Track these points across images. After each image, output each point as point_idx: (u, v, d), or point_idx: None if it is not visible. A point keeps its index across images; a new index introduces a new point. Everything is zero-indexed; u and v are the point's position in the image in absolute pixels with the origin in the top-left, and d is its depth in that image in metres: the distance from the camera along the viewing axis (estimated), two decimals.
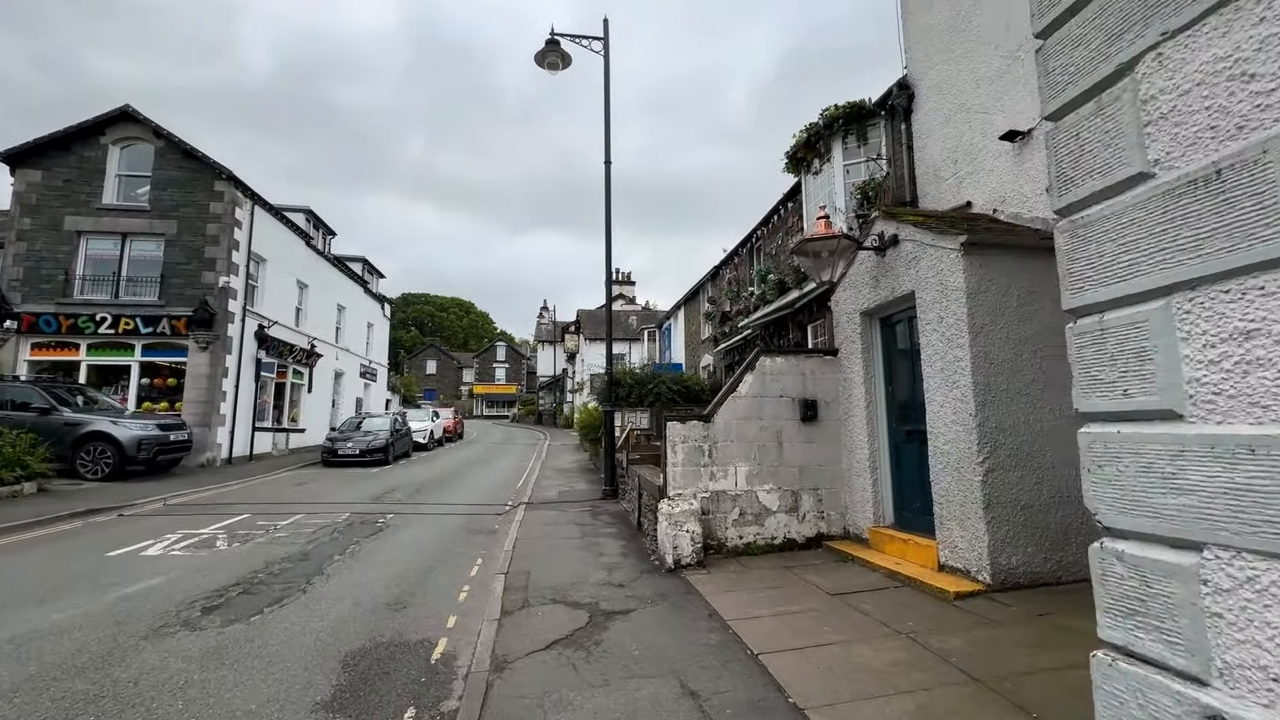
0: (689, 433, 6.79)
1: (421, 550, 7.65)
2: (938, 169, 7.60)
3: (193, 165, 17.09)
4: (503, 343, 75.37)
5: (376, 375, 30.14)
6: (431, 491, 12.97)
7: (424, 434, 24.21)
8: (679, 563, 6.15)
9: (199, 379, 16.16)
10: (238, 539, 8.16)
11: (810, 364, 7.25)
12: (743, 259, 15.65)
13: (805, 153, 9.63)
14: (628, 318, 41.12)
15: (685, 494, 6.66)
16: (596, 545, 7.52)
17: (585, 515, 9.79)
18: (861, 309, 6.76)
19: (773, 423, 7.04)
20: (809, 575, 5.81)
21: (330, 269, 24.14)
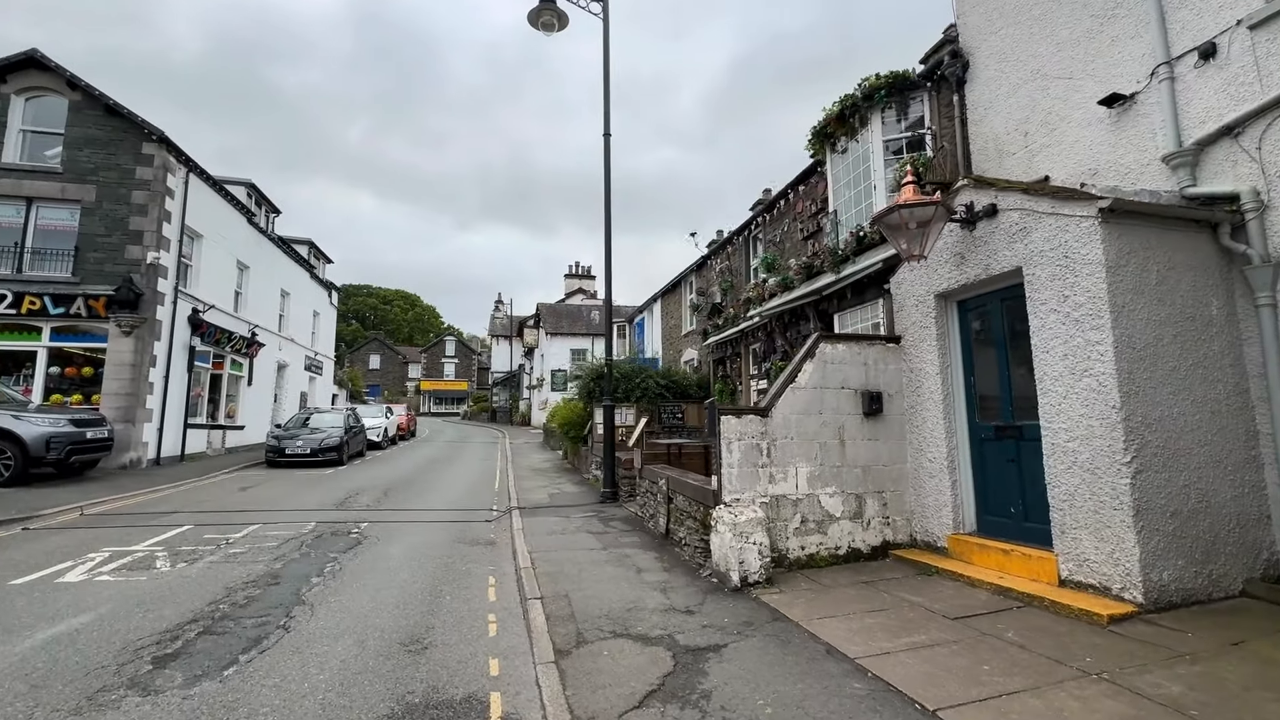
0: (745, 428, 5.89)
1: (417, 568, 6.45)
2: (1001, 142, 7.00)
3: (116, 124, 14.90)
4: (452, 337, 72.50)
5: (323, 368, 27.87)
6: (402, 495, 11.58)
7: (378, 432, 22.42)
8: (745, 580, 5.24)
9: (121, 368, 14.06)
10: (183, 557, 6.70)
11: (873, 352, 6.49)
12: (737, 248, 14.91)
13: (836, 128, 8.91)
14: (589, 312, 39.96)
15: (744, 499, 5.76)
16: (627, 558, 6.53)
17: (594, 522, 8.75)
18: (937, 291, 6.04)
19: (834, 417, 6.24)
20: (900, 592, 5.02)
21: (274, 250, 21.96)
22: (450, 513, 9.93)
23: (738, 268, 14.85)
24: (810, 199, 11.18)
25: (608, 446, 10.54)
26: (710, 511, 5.79)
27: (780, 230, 12.43)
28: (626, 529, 8.18)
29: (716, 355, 15.38)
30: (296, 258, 24.19)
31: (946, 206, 5.30)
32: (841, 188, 9.20)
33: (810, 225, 11.10)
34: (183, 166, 15.69)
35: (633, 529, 8.17)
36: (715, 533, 5.53)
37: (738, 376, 14.36)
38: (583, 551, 6.86)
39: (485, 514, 9.95)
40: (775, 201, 12.67)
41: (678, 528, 6.84)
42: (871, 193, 8.36)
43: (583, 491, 12.05)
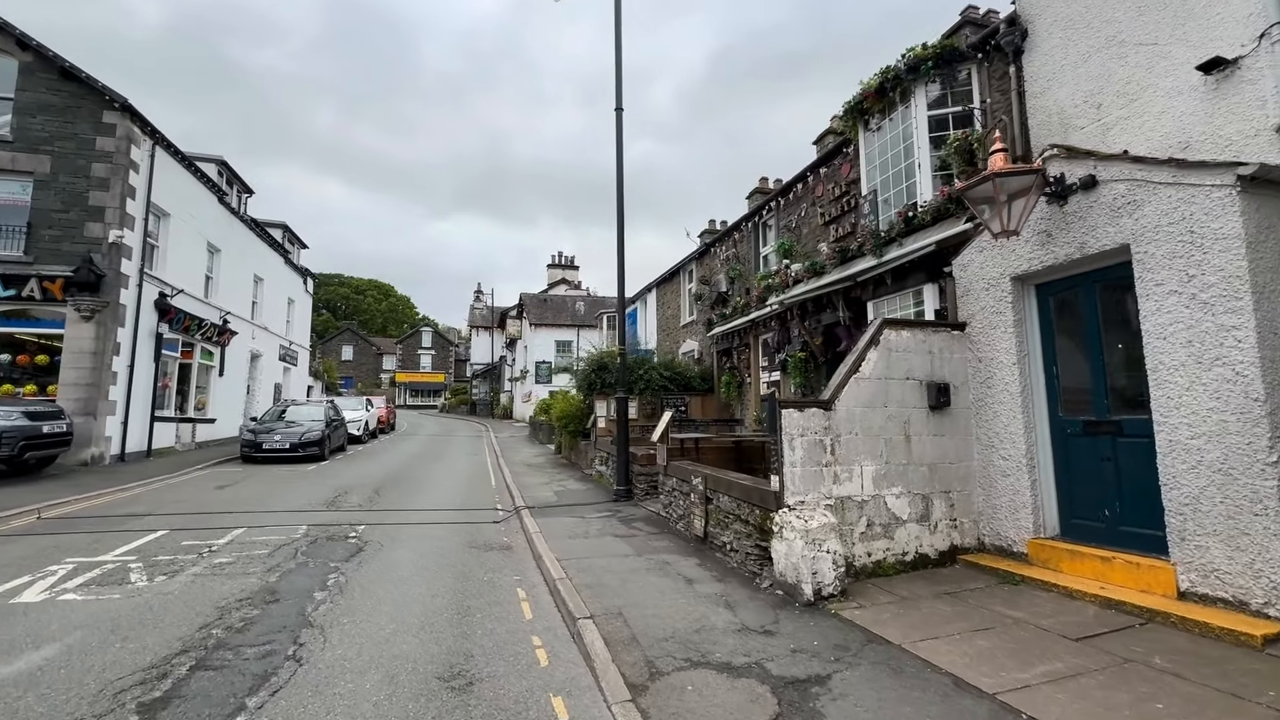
0: (808, 423, 5.31)
1: (432, 578, 5.74)
2: (1066, 116, 6.51)
3: (74, 89, 13.63)
4: (429, 328, 70.76)
5: (297, 359, 26.58)
6: (395, 494, 10.78)
7: (359, 425, 21.41)
8: (819, 593, 4.67)
9: (81, 356, 12.89)
10: (161, 569, 5.88)
11: (938, 340, 5.97)
12: (745, 235, 14.33)
13: (874, 103, 8.37)
14: (574, 303, 39.15)
15: (809, 502, 5.19)
16: (667, 566, 5.91)
17: (614, 523, 8.11)
18: (1014, 273, 5.53)
19: (899, 411, 5.70)
20: (994, 605, 4.50)
21: (247, 233, 20.67)
22: (453, 513, 9.19)
23: (745, 255, 14.28)
24: (833, 182, 10.64)
25: (621, 441, 9.89)
26: (770, 516, 5.20)
27: (796, 215, 11.88)
28: (653, 531, 7.56)
29: (722, 346, 14.81)
30: (270, 242, 22.89)
31: (1045, 176, 4.76)
32: (876, 168, 8.66)
33: (833, 209, 10.56)
34: (148, 138, 14.48)
35: (660, 531, 7.55)
36: (780, 540, 4.94)
37: (746, 368, 13.82)
38: (616, 559, 6.22)
39: (491, 514, 9.24)
40: (790, 186, 12.11)
41: (719, 531, 6.25)
42: (915, 171, 7.84)
43: (590, 489, 11.39)
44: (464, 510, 9.47)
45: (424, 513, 9.13)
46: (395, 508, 9.48)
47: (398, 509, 9.39)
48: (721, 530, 6.22)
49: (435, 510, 9.35)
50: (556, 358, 36.04)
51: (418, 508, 9.55)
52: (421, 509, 9.45)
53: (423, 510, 9.34)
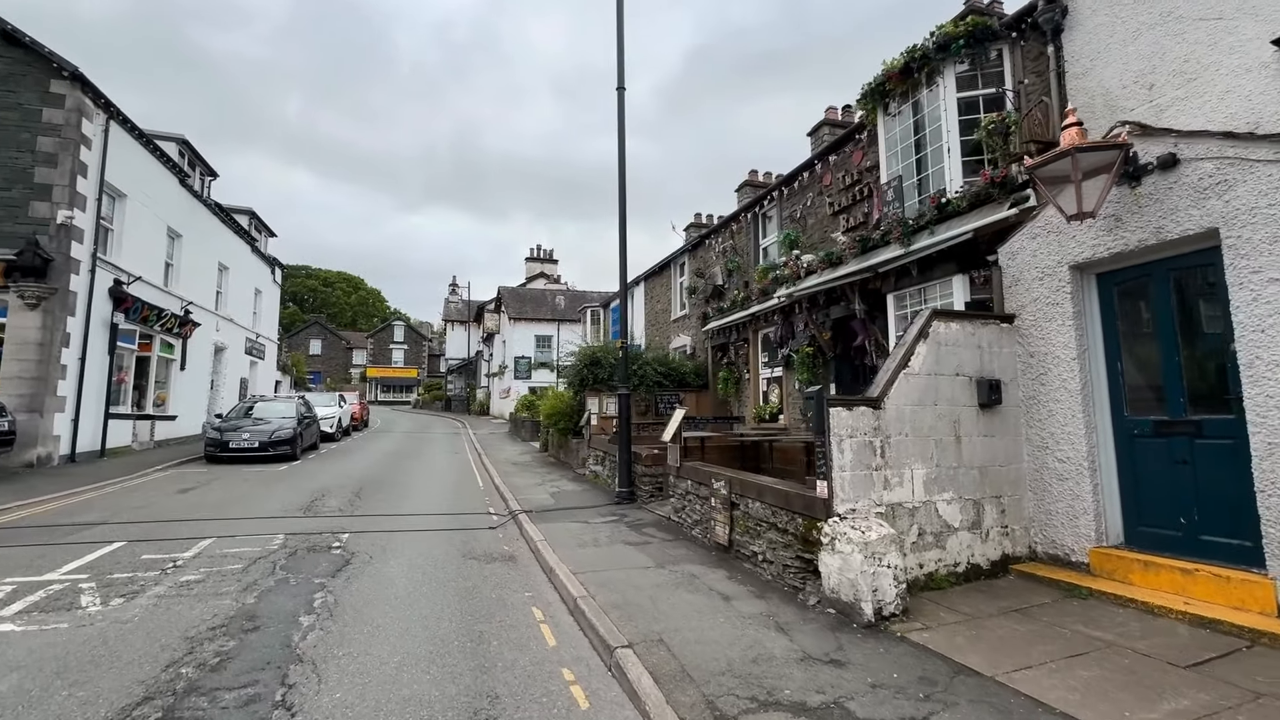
0: (857, 423, 4.83)
1: (434, 596, 5.11)
2: (1113, 97, 6.14)
3: (17, 55, 12.44)
4: (401, 322, 68.97)
5: (265, 352, 25.31)
6: (377, 497, 10.04)
7: (332, 422, 20.42)
8: (880, 613, 4.20)
9: (25, 347, 11.78)
10: (118, 590, 5.12)
11: (987, 333, 5.55)
12: (743, 226, 13.86)
13: (897, 84, 7.94)
14: (554, 297, 38.37)
15: (860, 509, 4.71)
16: (695, 580, 5.37)
17: (622, 529, 7.55)
18: (1074, 261, 5.13)
19: (949, 409, 5.27)
20: (1072, 624, 4.08)
21: (210, 218, 19.45)
22: (443, 518, 8.52)
23: (744, 247, 13.82)
24: (844, 170, 10.21)
25: (624, 441, 9.32)
26: (816, 525, 4.70)
27: (801, 205, 11.44)
28: (668, 538, 7.02)
29: (718, 341, 14.34)
30: (236, 228, 21.64)
31: (1128, 152, 4.34)
32: (898, 153, 8.23)
33: (844, 199, 10.14)
34: (102, 112, 13.33)
35: (674, 537, 7.02)
36: (831, 553, 4.45)
37: (745, 364, 13.37)
38: (636, 571, 5.66)
39: (484, 518, 8.60)
40: (795, 175, 11.66)
41: (748, 540, 5.74)
42: (943, 156, 7.42)
43: (587, 490, 10.79)
44: (455, 515, 8.80)
45: (412, 518, 8.44)
46: (380, 512, 8.76)
47: (383, 514, 8.67)
48: (751, 539, 5.71)
49: (424, 515, 8.66)
50: (536, 353, 35.29)
51: (405, 512, 8.84)
52: (409, 513, 8.75)
53: (410, 515, 8.64)
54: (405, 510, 9.00)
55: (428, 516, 8.58)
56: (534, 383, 34.26)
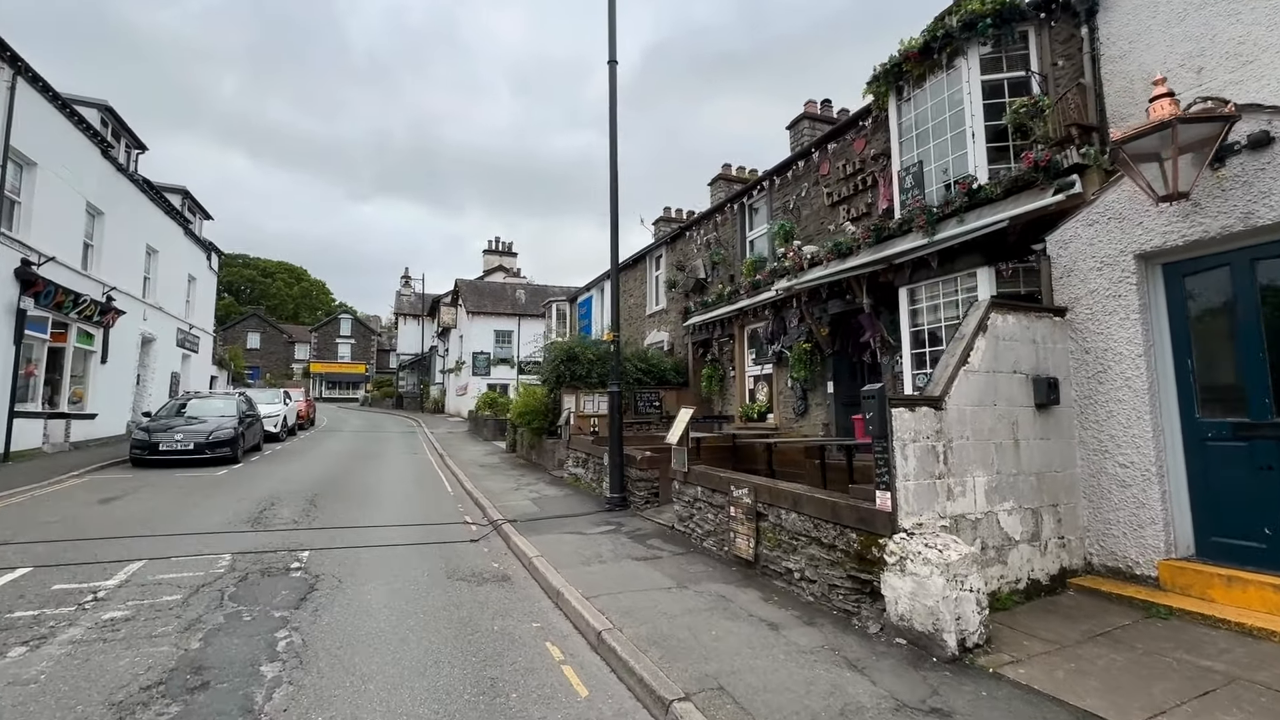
0: (920, 425, 4.29)
1: (424, 633, 4.30)
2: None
3: None
4: (348, 316, 65.78)
5: (199, 345, 23.27)
6: (336, 505, 9.00)
7: (276, 421, 18.85)
8: (963, 644, 3.65)
9: None
10: (19, 635, 4.09)
11: (1041, 327, 5.11)
12: (728, 218, 13.32)
13: (914, 66, 7.50)
14: (514, 291, 37.12)
15: (926, 524, 4.16)
16: (729, 603, 4.73)
17: (625, 541, 6.84)
18: (1140, 250, 4.73)
19: (1008, 410, 4.80)
20: (1176, 652, 3.64)
21: (137, 195, 17.56)
22: (416, 529, 7.61)
23: (728, 239, 13.29)
24: (844, 159, 9.78)
25: (615, 442, 8.60)
26: (876, 541, 4.13)
27: (795, 196, 10.97)
28: (678, 550, 6.36)
29: (700, 337, 13.77)
30: (167, 208, 19.70)
31: (1231, 125, 3.93)
32: (914, 139, 7.81)
33: (844, 188, 9.71)
34: (7, 65, 11.63)
35: (685, 550, 6.36)
36: (901, 574, 3.88)
37: (730, 361, 12.85)
38: (659, 594, 4.97)
39: (462, 529, 7.74)
40: (788, 165, 11.19)
41: (781, 555, 5.14)
42: (965, 142, 7.02)
43: (570, 495, 10.02)
44: (429, 525, 7.89)
45: (380, 530, 7.49)
46: (342, 523, 7.77)
47: (346, 525, 7.69)
48: (784, 554, 5.11)
49: (393, 526, 7.72)
50: (496, 348, 34.05)
51: (371, 523, 7.87)
52: (376, 524, 7.78)
53: (378, 527, 7.68)
54: (371, 520, 8.02)
55: (398, 528, 7.64)
56: (493, 379, 33.04)
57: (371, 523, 7.91)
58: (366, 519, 8.12)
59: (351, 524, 7.79)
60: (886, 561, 4.01)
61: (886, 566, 4.01)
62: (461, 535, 7.44)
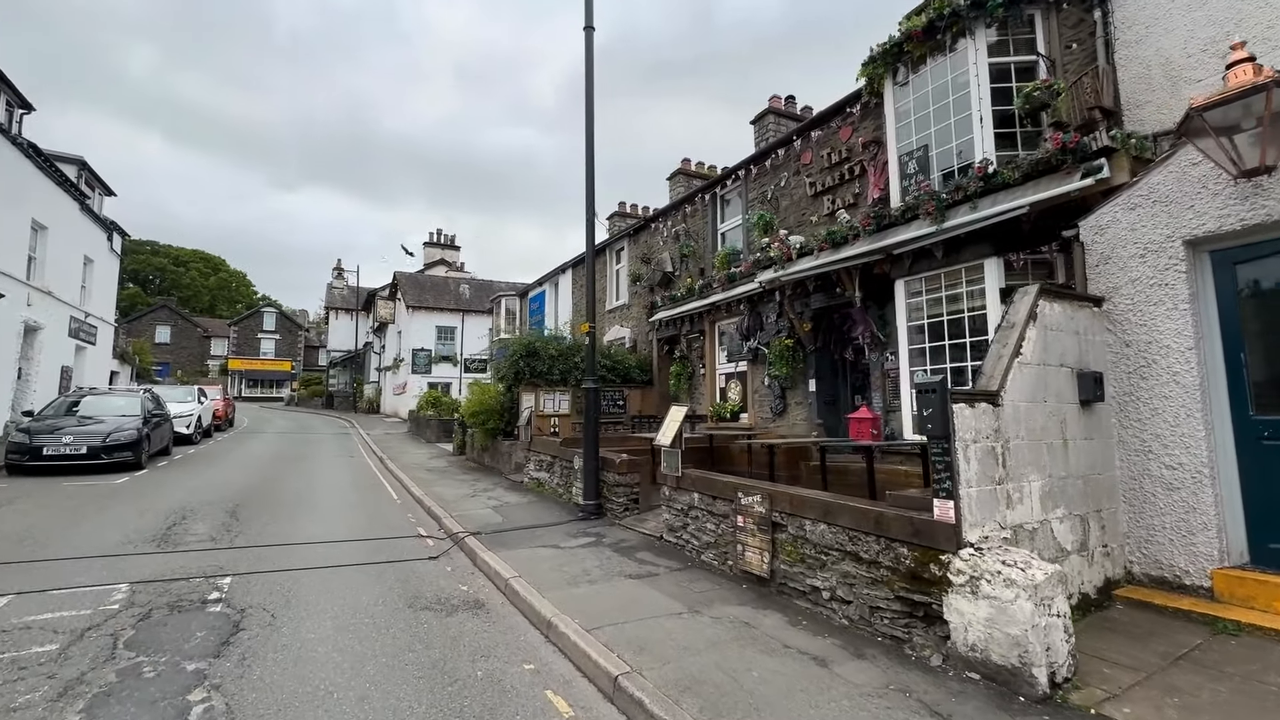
0: (980, 423, 3.76)
1: (390, 685, 3.42)
2: (1175, 68, 5.62)
3: None
4: (272, 309, 61.37)
5: (96, 336, 20.66)
6: (262, 517, 7.79)
7: (189, 421, 16.92)
8: (1054, 680, 3.12)
9: None
10: None
11: (1082, 318, 4.73)
12: (699, 209, 12.74)
13: (916, 46, 7.12)
14: (457, 285, 35.47)
15: (991, 537, 3.63)
16: (753, 630, 4.06)
17: (609, 555, 6.06)
18: (1190, 236, 4.41)
19: (1057, 406, 4.37)
20: (1273, 678, 3.24)
21: (21, 161, 15.25)
22: (362, 545, 6.57)
23: (699, 231, 12.72)
24: (828, 148, 9.38)
25: (591, 443, 7.81)
26: (937, 558, 3.57)
27: (773, 186, 10.51)
28: (674, 565, 5.64)
29: (667, 333, 13.14)
30: (59, 179, 17.29)
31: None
32: (912, 124, 7.43)
33: (828, 178, 9.31)
34: None
35: (683, 565, 5.66)
36: (974, 597, 3.32)
37: (700, 358, 12.28)
38: (672, 621, 4.24)
39: (417, 544, 6.76)
40: (765, 154, 10.72)
41: (805, 572, 4.52)
42: (972, 126, 6.67)
43: (535, 503, 9.13)
44: (377, 540, 6.86)
45: (319, 547, 6.41)
46: (272, 540, 6.62)
47: (276, 542, 6.55)
48: (808, 571, 4.49)
49: (335, 542, 6.65)
50: (438, 345, 32.36)
51: (307, 538, 6.76)
52: (313, 540, 6.68)
53: (316, 543, 6.59)
54: (307, 535, 6.90)
55: (341, 545, 6.58)
56: (435, 377, 31.37)
57: (308, 538, 6.79)
58: (301, 533, 6.99)
59: (283, 540, 6.66)
60: (952, 581, 3.45)
61: (952, 587, 3.44)
62: (418, 551, 6.47)
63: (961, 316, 6.71)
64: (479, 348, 32.53)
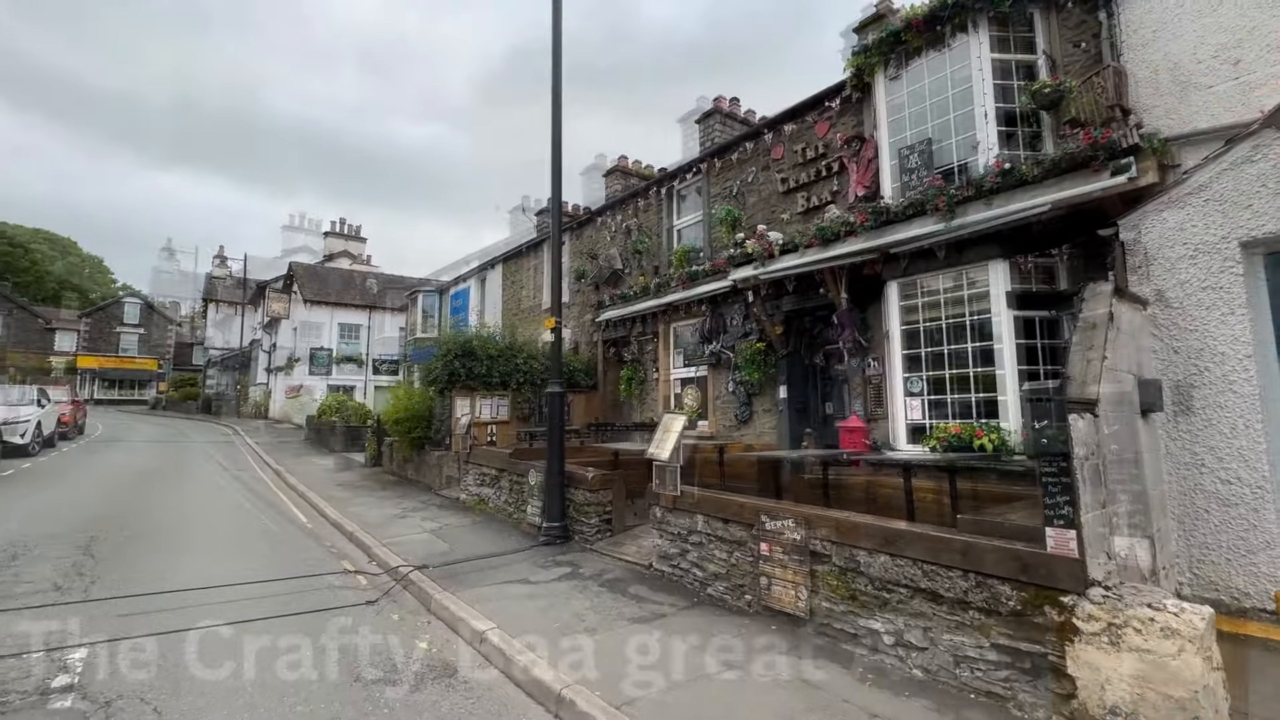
0: (1089, 437, 3.22)
1: None
2: (1184, 71, 5.52)
3: None
4: (135, 300, 53.93)
5: None
6: (128, 553, 6.13)
7: (24, 429, 13.92)
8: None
9: None
10: None
11: (1138, 321, 4.38)
12: (651, 204, 11.97)
13: (913, 37, 6.77)
14: (364, 280, 32.63)
15: (1113, 571, 3.08)
16: (825, 697, 3.28)
17: (600, 592, 5.08)
18: (1248, 237, 4.18)
19: (1129, 416, 3.96)
20: None
21: None
22: (270, 589, 5.18)
23: (650, 226, 11.97)
24: (803, 143, 8.93)
25: (556, 456, 6.76)
26: (1058, 601, 2.97)
27: (739, 181, 9.96)
28: (681, 604, 4.76)
29: (614, 335, 12.26)
30: None
31: None
32: (905, 119, 7.07)
33: (803, 174, 8.86)
34: None
35: (689, 601, 4.80)
36: (1116, 650, 2.74)
37: (652, 362, 11.50)
38: (721, 687, 3.37)
39: (346, 584, 5.47)
40: (729, 148, 10.16)
41: (856, 612, 3.82)
42: (974, 122, 6.37)
43: (480, 524, 7.92)
44: (289, 580, 5.47)
45: (214, 595, 4.96)
46: (143, 587, 5.08)
47: (150, 589, 5.02)
48: (862, 611, 3.79)
49: (235, 586, 5.20)
50: (341, 344, 29.52)
51: (193, 582, 5.25)
52: (204, 584, 5.20)
53: (208, 587, 5.13)
54: (195, 578, 5.38)
55: (244, 588, 5.16)
56: (337, 379, 28.57)
57: (198, 582, 5.29)
58: (187, 576, 5.45)
59: (162, 587, 5.12)
60: (1080, 629, 2.85)
61: (1080, 636, 2.85)
62: (349, 595, 5.20)
63: (964, 321, 6.39)
64: (390, 348, 30.05)
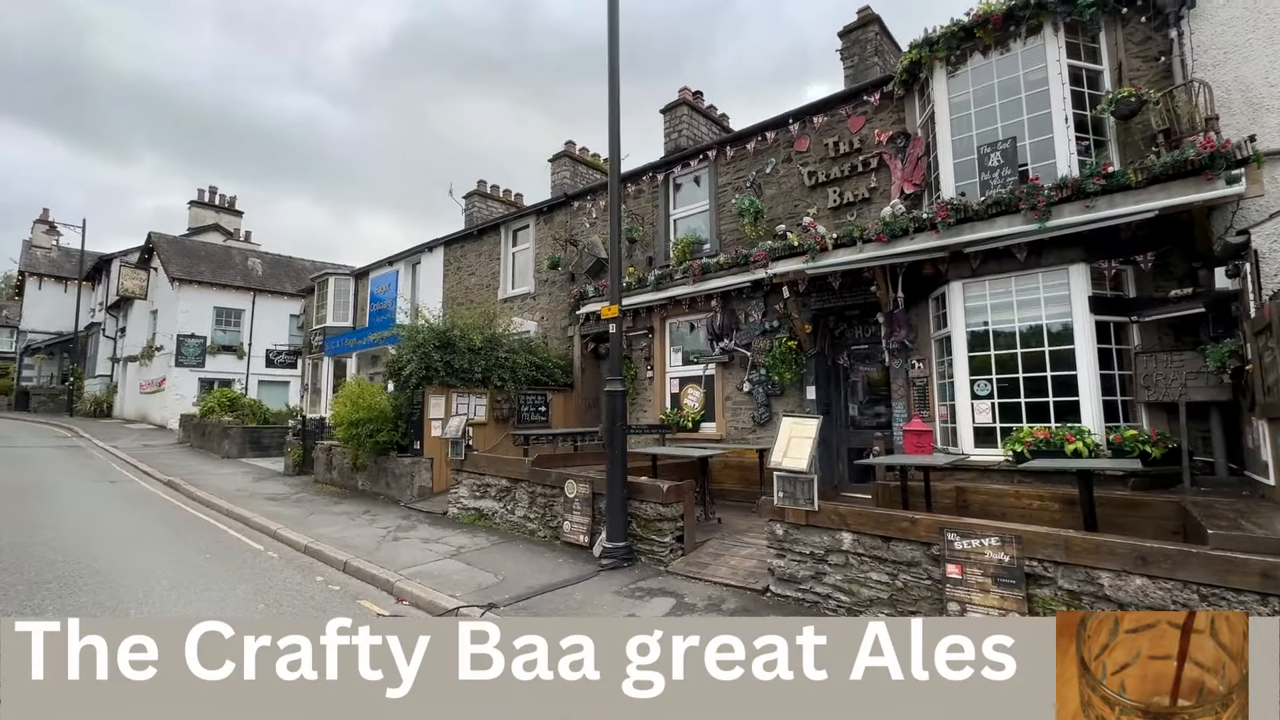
0: None
1: None
2: (1256, 94, 5.77)
3: None
4: None
5: None
6: (45, 609, 4.39)
7: None
8: None
9: None
10: None
11: None
12: (646, 191, 11.16)
13: (986, 34, 6.62)
14: (245, 259, 28.46)
15: None
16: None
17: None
18: None
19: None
20: None
21: None
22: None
23: (644, 214, 11.19)
24: (834, 136, 8.64)
25: (618, 463, 5.80)
26: None
27: (756, 171, 9.50)
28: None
29: (596, 329, 11.35)
30: None
31: None
32: (969, 118, 6.93)
33: (835, 169, 8.59)
34: None
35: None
36: None
37: (646, 359, 10.73)
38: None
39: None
40: (747, 136, 9.66)
41: None
42: (1049, 125, 6.34)
43: (501, 544, 6.72)
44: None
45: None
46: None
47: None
48: None
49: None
50: (217, 331, 25.45)
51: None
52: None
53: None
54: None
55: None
56: (210, 372, 24.58)
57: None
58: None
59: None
60: None
61: None
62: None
63: (1040, 324, 6.34)
64: (279, 337, 26.49)
